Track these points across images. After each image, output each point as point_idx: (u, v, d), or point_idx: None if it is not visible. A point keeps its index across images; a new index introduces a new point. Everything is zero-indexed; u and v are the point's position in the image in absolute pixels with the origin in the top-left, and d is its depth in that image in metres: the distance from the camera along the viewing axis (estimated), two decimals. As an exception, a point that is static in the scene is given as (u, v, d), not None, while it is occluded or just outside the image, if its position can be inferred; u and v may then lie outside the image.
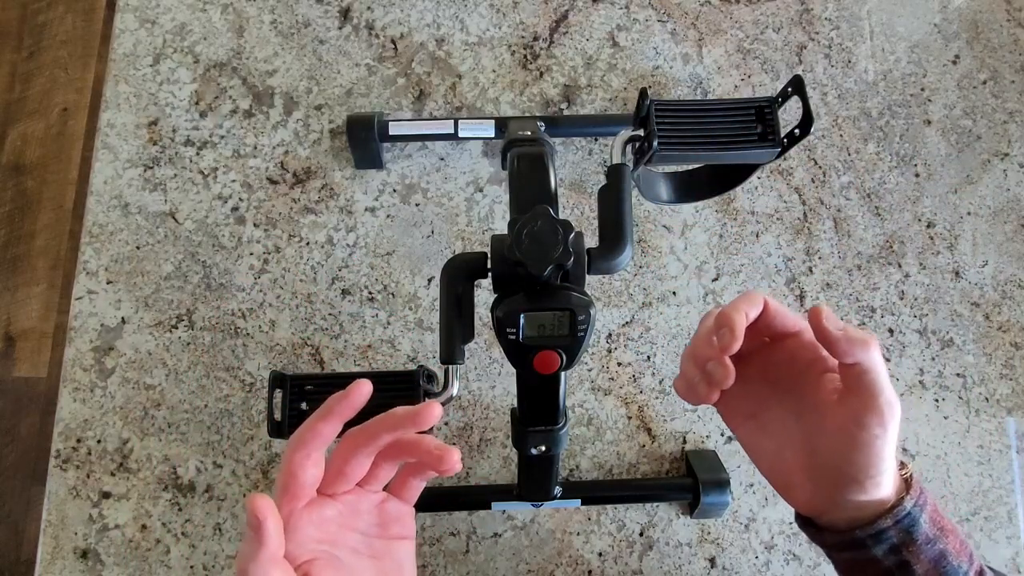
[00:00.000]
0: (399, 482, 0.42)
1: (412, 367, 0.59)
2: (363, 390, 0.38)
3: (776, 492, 0.41)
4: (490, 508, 0.59)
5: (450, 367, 0.46)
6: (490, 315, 0.41)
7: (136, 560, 0.59)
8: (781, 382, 0.40)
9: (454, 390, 0.46)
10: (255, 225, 0.66)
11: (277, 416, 0.46)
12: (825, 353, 0.37)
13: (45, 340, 1.45)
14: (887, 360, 0.65)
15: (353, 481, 0.39)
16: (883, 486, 0.35)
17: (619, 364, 0.64)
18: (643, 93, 0.47)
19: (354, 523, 0.40)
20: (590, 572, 0.60)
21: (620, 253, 0.43)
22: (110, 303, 0.64)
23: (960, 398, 0.64)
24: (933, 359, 0.65)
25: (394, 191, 0.67)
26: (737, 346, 0.36)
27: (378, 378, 0.46)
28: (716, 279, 0.66)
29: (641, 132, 0.48)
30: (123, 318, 0.64)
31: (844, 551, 0.38)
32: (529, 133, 0.55)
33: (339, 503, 0.39)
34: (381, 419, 0.38)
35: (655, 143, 0.45)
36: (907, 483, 0.37)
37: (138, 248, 0.65)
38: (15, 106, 1.56)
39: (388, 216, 0.67)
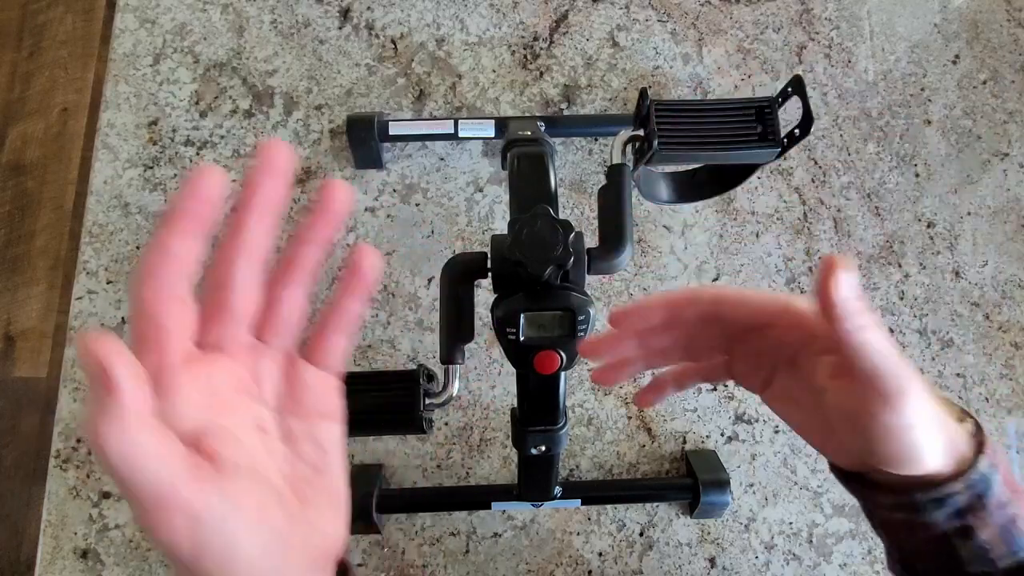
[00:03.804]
0: (315, 340, 0.31)
1: (412, 367, 0.59)
2: (211, 177, 0.27)
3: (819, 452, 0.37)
4: (490, 508, 0.59)
5: (450, 367, 0.46)
6: (490, 315, 0.41)
7: (136, 560, 0.59)
8: (780, 363, 0.36)
9: (454, 390, 0.46)
10: (255, 225, 0.66)
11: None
12: (819, 331, 0.33)
13: (45, 340, 1.45)
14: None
15: (241, 316, 0.28)
16: (926, 463, 0.31)
17: (619, 364, 0.64)
18: (643, 93, 0.47)
19: (255, 390, 0.29)
20: (590, 572, 0.60)
21: (620, 253, 0.43)
22: (110, 303, 0.64)
23: (960, 398, 0.64)
24: (933, 359, 0.65)
25: (394, 191, 0.67)
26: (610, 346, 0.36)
27: (378, 378, 0.46)
28: (716, 279, 0.66)
29: (641, 132, 0.48)
30: (123, 318, 0.64)
31: (896, 511, 0.33)
32: (529, 133, 0.55)
33: (229, 360, 0.28)
34: (259, 204, 0.29)
35: (655, 143, 0.45)
36: (979, 442, 0.32)
37: (138, 248, 0.65)
38: (15, 106, 1.56)
39: (388, 216, 0.67)
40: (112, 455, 0.23)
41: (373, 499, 0.57)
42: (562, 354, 0.40)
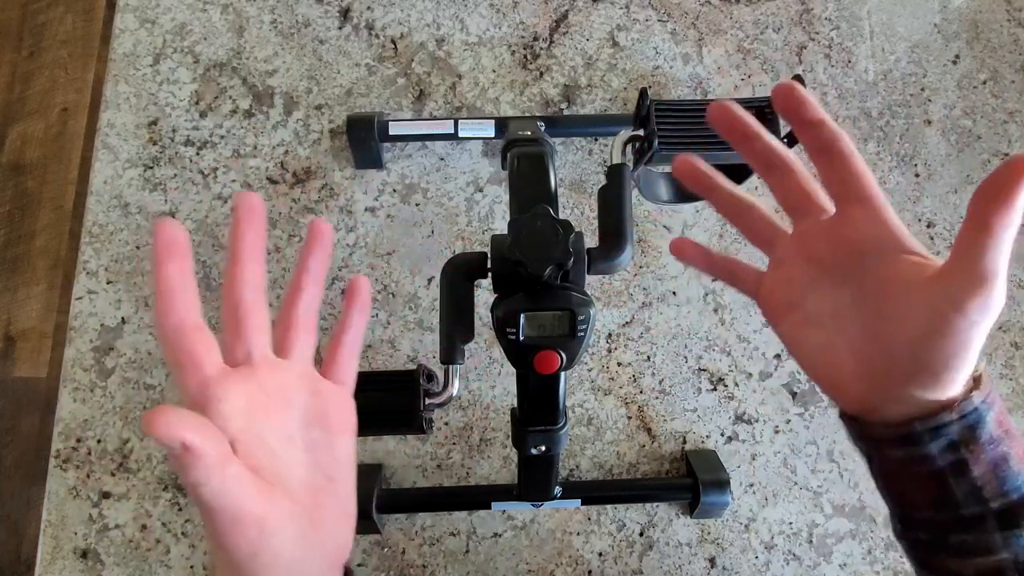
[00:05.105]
0: (329, 359, 0.37)
1: (412, 367, 0.59)
2: (172, 226, 0.32)
3: (821, 390, 0.36)
4: (490, 508, 0.59)
5: (450, 367, 0.46)
6: (490, 315, 0.41)
7: (136, 560, 0.59)
8: (838, 261, 0.35)
9: (454, 390, 0.46)
10: (255, 225, 0.66)
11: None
12: (899, 232, 0.33)
13: (45, 340, 1.45)
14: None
15: (257, 330, 0.33)
16: (958, 383, 0.31)
17: (619, 364, 0.64)
18: (643, 93, 0.47)
19: (285, 401, 0.33)
20: (590, 572, 0.60)
21: (620, 253, 0.43)
22: (110, 303, 0.64)
23: (960, 398, 0.64)
24: (933, 359, 0.65)
25: (394, 191, 0.67)
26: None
27: (378, 378, 0.46)
28: (716, 279, 0.66)
29: (641, 132, 0.48)
30: (123, 318, 0.64)
31: (896, 447, 0.33)
32: (529, 133, 0.55)
33: (260, 373, 0.33)
34: (248, 245, 0.35)
35: (655, 143, 0.45)
36: (975, 379, 0.33)
37: (138, 248, 0.65)
38: (15, 106, 1.56)
39: (388, 216, 0.67)
40: (211, 502, 0.28)
41: (373, 499, 0.57)
42: (562, 354, 0.40)
